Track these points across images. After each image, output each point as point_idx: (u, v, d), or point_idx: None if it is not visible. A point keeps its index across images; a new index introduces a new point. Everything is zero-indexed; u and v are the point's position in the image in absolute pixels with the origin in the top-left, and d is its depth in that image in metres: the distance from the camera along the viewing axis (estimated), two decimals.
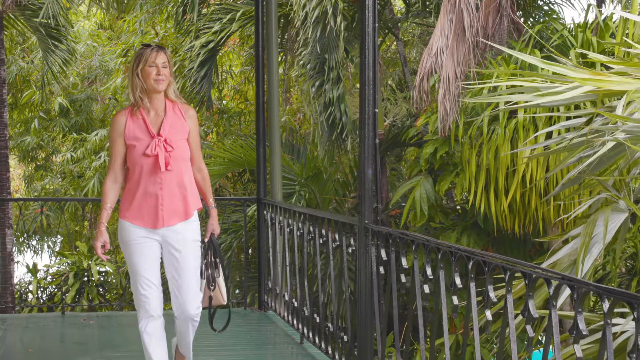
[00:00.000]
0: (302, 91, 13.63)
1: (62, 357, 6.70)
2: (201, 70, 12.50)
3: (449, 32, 8.19)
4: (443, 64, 8.16)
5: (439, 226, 10.19)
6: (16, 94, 17.32)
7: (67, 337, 7.55)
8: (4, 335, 7.43)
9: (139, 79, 4.95)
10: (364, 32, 5.43)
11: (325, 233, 6.52)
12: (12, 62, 16.99)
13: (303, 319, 6.96)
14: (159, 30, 17.05)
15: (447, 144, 9.35)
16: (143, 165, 4.94)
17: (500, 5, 8.22)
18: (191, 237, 5.07)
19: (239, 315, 8.24)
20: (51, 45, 13.11)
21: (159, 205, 4.95)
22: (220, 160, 12.79)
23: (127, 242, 5.04)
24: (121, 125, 5.00)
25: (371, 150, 5.46)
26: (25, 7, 12.41)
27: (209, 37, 12.24)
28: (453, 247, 4.18)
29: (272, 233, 8.01)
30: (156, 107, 5.03)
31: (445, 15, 8.28)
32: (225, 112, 16.15)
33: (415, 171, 10.03)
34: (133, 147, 4.97)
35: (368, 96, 5.44)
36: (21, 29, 14.75)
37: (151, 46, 5.05)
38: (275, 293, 7.94)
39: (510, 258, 3.66)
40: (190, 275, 5.06)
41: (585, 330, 3.08)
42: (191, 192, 5.07)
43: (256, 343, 7.33)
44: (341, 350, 6.07)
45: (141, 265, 5.00)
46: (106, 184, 5.09)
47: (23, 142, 16.89)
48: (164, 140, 4.93)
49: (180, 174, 4.99)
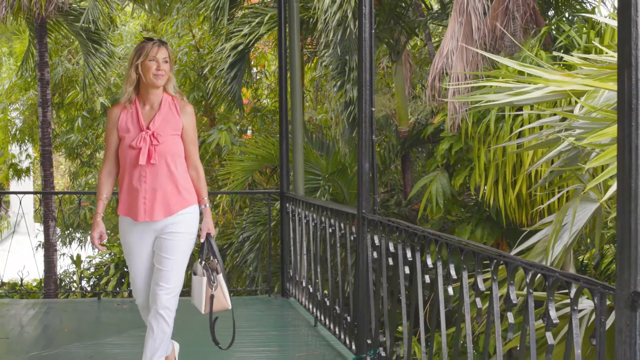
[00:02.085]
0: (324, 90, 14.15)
1: (94, 335, 7.21)
2: (231, 72, 13.04)
3: (459, 34, 8.65)
4: (453, 64, 8.62)
5: (455, 219, 10.64)
6: (63, 93, 18.05)
7: (101, 319, 8.13)
8: (44, 317, 8.06)
9: (135, 72, 4.91)
10: (361, 38, 5.92)
11: (333, 222, 7.03)
12: (58, 63, 17.75)
13: (316, 304, 7.50)
14: (195, 32, 17.62)
15: (461, 140, 9.80)
16: (128, 158, 4.91)
17: (507, 9, 8.64)
18: (184, 228, 4.98)
19: (263, 301, 8.80)
20: (91, 49, 13.77)
21: (141, 199, 4.88)
22: (253, 156, 13.34)
23: (121, 236, 5.08)
24: (115, 116, 4.97)
25: (368, 146, 5.92)
26: (67, 12, 13.06)
27: (238, 40, 12.79)
28: (426, 231, 4.68)
29: (292, 225, 8.55)
30: (152, 101, 4.96)
31: (455, 19, 8.74)
32: (259, 110, 16.72)
33: (432, 167, 10.50)
34: (123, 139, 4.93)
35: (365, 96, 5.92)
36: (65, 33, 15.44)
37: (153, 40, 4.99)
38: (295, 281, 8.47)
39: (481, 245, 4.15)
40: (169, 262, 4.93)
41: (555, 318, 3.33)
42: (181, 188, 4.96)
43: (274, 325, 7.83)
44: (345, 330, 6.57)
45: (134, 272, 5.06)
46: (102, 175, 5.07)
47: (68, 140, 17.60)
48: (151, 133, 4.87)
49: (166, 168, 4.91)
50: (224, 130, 14.71)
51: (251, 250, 12.16)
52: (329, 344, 6.83)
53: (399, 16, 12.13)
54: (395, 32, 12.07)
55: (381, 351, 5.65)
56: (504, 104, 4.90)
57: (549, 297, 3.22)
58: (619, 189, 2.66)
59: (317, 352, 6.62)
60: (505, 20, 8.66)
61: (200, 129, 17.01)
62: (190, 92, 16.39)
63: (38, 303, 8.88)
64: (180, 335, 5.52)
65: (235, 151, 14.42)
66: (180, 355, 5.51)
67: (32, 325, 7.69)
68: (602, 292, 2.86)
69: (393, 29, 12.02)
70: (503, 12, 8.63)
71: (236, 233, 12.94)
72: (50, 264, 13.38)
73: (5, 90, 20.04)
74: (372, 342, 5.79)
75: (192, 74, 16.62)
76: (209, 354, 6.22)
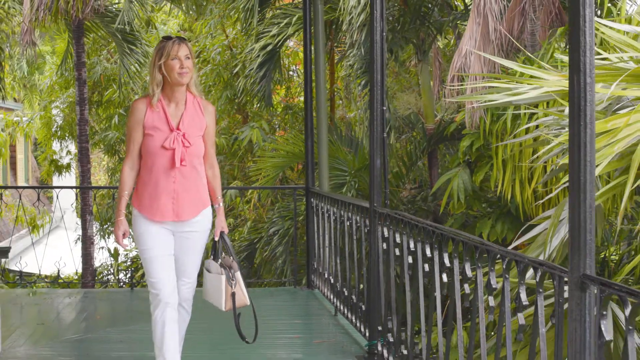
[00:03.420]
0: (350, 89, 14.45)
1: (125, 322, 7.62)
2: (260, 71, 13.41)
3: (477, 34, 8.90)
4: (471, 64, 8.88)
5: (477, 214, 10.91)
6: (102, 92, 18.56)
7: (132, 307, 8.52)
8: (79, 305, 8.49)
9: (159, 73, 4.86)
10: (372, 40, 6.21)
11: (350, 216, 7.34)
12: (97, 63, 18.27)
13: (336, 294, 7.83)
14: (229, 32, 17.98)
15: (482, 138, 10.05)
16: (158, 157, 4.87)
17: (524, 10, 8.88)
18: (202, 227, 5.07)
19: (289, 293, 9.17)
20: (127, 49, 14.22)
21: (172, 200, 4.89)
22: (283, 153, 13.69)
23: (139, 228, 5.00)
24: (141, 113, 4.90)
25: (379, 144, 6.21)
26: (103, 14, 13.52)
27: (267, 40, 13.16)
28: (426, 223, 5.00)
29: (317, 219, 8.88)
30: (177, 99, 4.93)
31: (474, 19, 9.00)
32: (291, 108, 17.05)
33: (454, 163, 10.78)
34: (150, 137, 4.87)
35: (377, 96, 6.22)
36: (102, 34, 15.91)
37: (172, 38, 4.93)
38: (319, 272, 8.80)
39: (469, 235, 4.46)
40: (191, 257, 5.06)
41: (525, 300, 3.67)
42: (203, 188, 5.06)
43: (297, 315, 8.17)
44: (360, 318, 6.89)
45: (154, 253, 4.94)
46: (124, 171, 5.01)
47: (106, 137, 18.10)
48: (182, 134, 4.87)
49: (194, 169, 4.95)
50: (256, 127, 15.08)
51: (280, 243, 12.51)
52: (346, 331, 7.15)
53: (424, 16, 12.41)
54: (420, 32, 12.35)
55: (389, 337, 5.96)
56: (502, 104, 5.17)
57: (520, 281, 3.52)
58: (570, 182, 2.95)
59: (334, 339, 6.94)
60: (522, 20, 8.90)
61: (234, 126, 17.39)
62: (223, 90, 16.77)
63: (74, 293, 9.30)
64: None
65: (267, 148, 14.77)
66: (206, 344, 5.74)
67: (67, 313, 8.14)
68: (560, 275, 3.16)
69: (419, 29, 12.29)
70: (520, 12, 8.87)
71: (266, 227, 13.31)
72: (87, 256, 13.88)
73: (47, 88, 20.59)
74: (383, 329, 6.10)
75: (225, 73, 16.98)
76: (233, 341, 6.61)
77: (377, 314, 6.17)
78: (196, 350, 6.29)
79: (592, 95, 2.87)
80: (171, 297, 4.93)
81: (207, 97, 17.27)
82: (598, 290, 2.86)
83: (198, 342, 6.58)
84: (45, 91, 20.79)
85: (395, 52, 12.10)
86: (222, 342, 6.70)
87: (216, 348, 6.66)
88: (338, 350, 6.57)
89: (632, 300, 2.68)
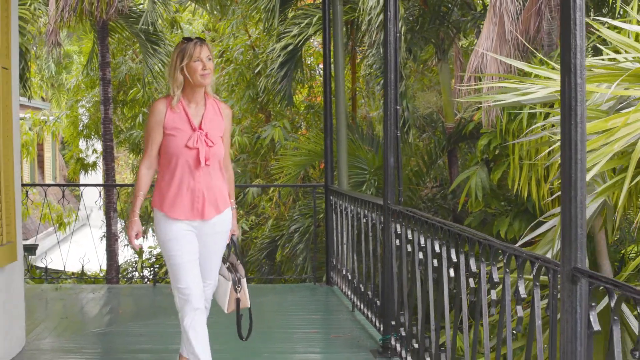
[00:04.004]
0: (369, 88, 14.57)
1: (147, 317, 7.78)
2: (281, 71, 13.57)
3: (493, 34, 9.00)
4: (487, 64, 8.98)
5: (495, 212, 11.01)
6: (127, 91, 18.80)
7: (155, 302, 8.66)
8: (102, 300, 8.68)
9: (180, 75, 4.87)
10: (386, 41, 6.34)
11: (366, 213, 7.47)
12: (122, 62, 18.53)
13: (353, 290, 7.97)
14: (252, 33, 18.15)
15: (500, 136, 10.15)
16: (181, 157, 4.86)
17: (540, 10, 8.96)
18: (223, 227, 5.08)
19: (308, 289, 9.31)
20: (150, 49, 14.44)
21: (196, 199, 4.88)
22: (305, 151, 13.84)
23: (165, 235, 4.93)
24: (161, 114, 4.89)
25: (393, 142, 6.33)
26: (127, 15, 13.74)
27: (288, 40, 13.30)
28: (434, 220, 5.13)
29: (335, 216, 9.02)
30: (197, 100, 4.94)
31: (490, 19, 9.09)
32: (312, 107, 17.20)
33: (473, 162, 10.89)
34: (172, 137, 4.87)
35: (390, 95, 6.34)
36: (126, 35, 16.14)
37: (193, 40, 4.92)
38: (337, 269, 8.94)
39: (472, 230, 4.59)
40: (213, 261, 5.09)
41: (524, 293, 3.80)
42: (224, 187, 5.07)
43: (316, 310, 8.30)
44: (376, 314, 7.02)
45: (182, 258, 4.89)
46: (141, 171, 5.00)
47: (131, 136, 18.35)
48: (204, 134, 4.87)
49: (215, 169, 4.96)
50: (278, 126, 15.24)
51: (300, 241, 12.66)
52: (362, 327, 7.27)
53: (444, 16, 12.51)
54: (440, 32, 12.45)
55: (402, 331, 6.08)
56: (510, 104, 5.28)
57: (519, 275, 3.65)
58: (562, 179, 3.07)
59: (351, 334, 7.06)
60: (538, 20, 8.98)
61: (257, 125, 17.56)
62: (245, 89, 16.95)
63: (97, 288, 9.50)
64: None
65: (288, 146, 14.92)
66: (227, 337, 5.83)
67: (90, 307, 8.34)
68: (554, 269, 3.28)
69: (438, 29, 12.40)
70: (536, 12, 8.95)
71: (287, 225, 13.48)
72: (111, 253, 14.12)
73: (73, 88, 20.89)
74: (396, 324, 6.23)
75: (247, 72, 17.15)
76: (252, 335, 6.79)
77: (391, 309, 6.29)
78: (219, 343, 6.43)
79: (582, 95, 2.99)
80: (200, 301, 4.93)
81: (230, 96, 17.47)
82: (587, 282, 2.98)
83: (220, 335, 6.73)
84: (72, 90, 21.09)
85: (415, 52, 12.21)
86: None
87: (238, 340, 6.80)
88: (354, 344, 6.69)
89: (617, 292, 2.80)
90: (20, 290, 6.31)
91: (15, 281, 6.14)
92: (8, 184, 5.66)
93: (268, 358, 6.28)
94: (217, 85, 17.32)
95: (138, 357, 6.28)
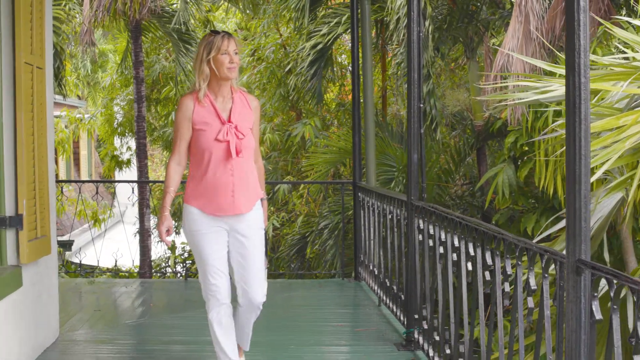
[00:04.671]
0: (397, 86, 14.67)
1: (178, 310, 7.99)
2: (311, 69, 13.72)
3: (519, 33, 9.08)
4: (513, 62, 9.07)
5: (522, 209, 11.09)
6: (160, 89, 19.08)
7: (186, 296, 8.81)
8: (134, 294, 8.88)
9: (207, 67, 4.81)
10: (409, 40, 6.45)
11: (392, 209, 7.60)
12: (155, 61, 18.82)
13: (379, 284, 8.11)
14: (283, 31, 18.34)
15: (526, 134, 10.23)
16: (213, 151, 4.81)
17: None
18: (257, 224, 5.00)
19: (337, 284, 9.46)
20: (182, 49, 14.66)
21: (230, 192, 4.83)
22: (335, 149, 13.99)
23: (194, 230, 4.91)
24: (189, 109, 4.85)
25: (416, 139, 6.45)
26: (160, 15, 13.96)
27: (317, 39, 13.47)
28: (454, 215, 5.26)
29: (363, 212, 9.16)
30: (223, 93, 4.90)
31: (516, 18, 9.18)
32: (343, 105, 17.34)
33: (500, 159, 10.98)
34: (202, 132, 4.83)
35: (414, 94, 6.45)
36: (159, 34, 16.39)
37: (220, 33, 4.86)
38: (365, 265, 9.08)
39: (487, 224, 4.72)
40: (257, 262, 4.98)
41: (534, 285, 3.91)
42: (255, 180, 5.01)
43: (343, 305, 8.45)
44: (400, 308, 7.16)
45: (210, 254, 4.86)
46: (170, 167, 4.93)
47: (165, 133, 18.62)
48: (234, 127, 4.83)
49: (248, 162, 4.91)
50: (308, 124, 15.41)
51: (330, 237, 12.82)
52: (388, 321, 7.41)
53: (472, 14, 12.59)
54: (469, 30, 12.53)
55: (424, 324, 6.22)
56: (529, 102, 5.38)
57: (529, 267, 3.78)
58: (567, 174, 3.20)
59: (376, 327, 7.21)
60: (563, 19, 9.03)
61: (288, 122, 17.74)
62: (276, 88, 17.14)
63: (130, 282, 9.72)
64: None
65: (319, 144, 15.08)
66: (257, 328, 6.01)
67: (122, 300, 8.55)
68: (561, 261, 3.41)
69: (466, 27, 12.48)
70: (562, 11, 9.01)
71: (317, 221, 13.64)
72: (145, 248, 14.37)
73: (108, 86, 21.22)
74: (419, 317, 6.36)
75: (278, 71, 17.33)
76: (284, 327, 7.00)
77: (414, 303, 6.42)
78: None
79: (586, 93, 3.11)
80: (227, 297, 4.94)
81: (261, 94, 17.66)
82: (590, 273, 3.11)
83: None
84: (107, 89, 21.42)
85: (443, 50, 12.31)
86: (272, 328, 7.04)
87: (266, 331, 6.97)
88: (379, 337, 6.83)
89: (616, 281, 2.93)
90: (54, 283, 6.51)
91: (49, 274, 6.33)
92: (42, 179, 5.85)
93: (295, 350, 6.44)
94: (249, 83, 17.54)
95: (170, 349, 6.46)
